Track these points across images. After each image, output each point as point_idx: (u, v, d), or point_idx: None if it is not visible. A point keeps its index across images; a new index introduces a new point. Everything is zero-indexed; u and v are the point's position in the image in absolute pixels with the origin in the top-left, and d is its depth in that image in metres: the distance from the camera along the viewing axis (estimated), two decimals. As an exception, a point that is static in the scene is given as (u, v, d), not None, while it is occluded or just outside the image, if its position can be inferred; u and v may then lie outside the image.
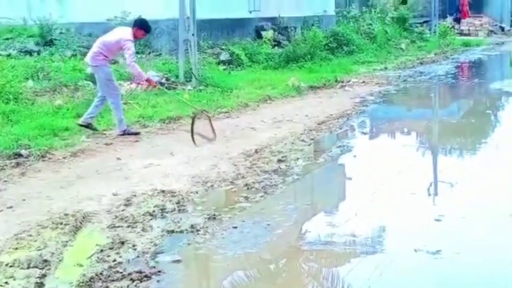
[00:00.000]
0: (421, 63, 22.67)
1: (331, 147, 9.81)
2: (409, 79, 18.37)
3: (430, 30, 30.06)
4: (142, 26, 10.21)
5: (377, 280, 4.98)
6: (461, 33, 33.68)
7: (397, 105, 15.01)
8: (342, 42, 22.07)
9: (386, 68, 20.78)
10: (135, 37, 10.14)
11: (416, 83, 17.80)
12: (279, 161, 8.68)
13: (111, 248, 5.52)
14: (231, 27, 19.58)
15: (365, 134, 11.58)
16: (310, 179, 8.27)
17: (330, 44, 21.37)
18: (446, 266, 5.18)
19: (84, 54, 11.39)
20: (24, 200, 6.96)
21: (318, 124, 11.48)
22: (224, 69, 17.09)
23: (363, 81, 17.55)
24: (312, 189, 8.01)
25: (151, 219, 6.31)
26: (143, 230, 6.00)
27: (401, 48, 25.80)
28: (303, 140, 10.10)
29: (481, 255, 5.43)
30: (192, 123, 9.74)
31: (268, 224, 6.28)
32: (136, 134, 10.26)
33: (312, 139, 10.26)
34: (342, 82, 17.14)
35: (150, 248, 5.58)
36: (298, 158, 8.92)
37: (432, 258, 5.28)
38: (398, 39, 26.86)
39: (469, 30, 34.86)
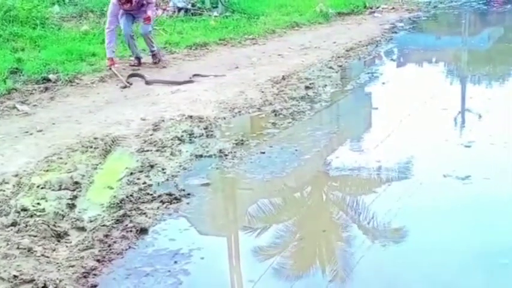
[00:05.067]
0: (453, -11, 22.10)
1: (359, 74, 9.71)
2: (440, 5, 17.97)
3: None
4: None
5: (404, 206, 4.96)
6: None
7: (427, 32, 14.74)
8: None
9: (416, -6, 20.31)
10: None
11: (447, 9, 17.42)
12: (307, 87, 8.61)
13: (140, 171, 5.56)
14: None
15: (394, 61, 11.42)
16: (338, 106, 8.21)
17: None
18: (475, 191, 5.16)
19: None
20: (53, 123, 7.02)
21: (346, 51, 11.34)
22: (251, -5, 16.82)
23: (393, 8, 17.24)
24: (340, 116, 7.95)
25: (179, 143, 6.33)
26: (172, 154, 6.03)
27: (432, -26, 25.12)
28: (330, 67, 10.00)
29: (511, 181, 5.38)
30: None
31: (296, 150, 6.28)
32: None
33: (340, 66, 10.15)
34: (371, 8, 16.86)
35: (179, 172, 5.62)
36: (326, 85, 8.85)
37: (461, 183, 5.25)
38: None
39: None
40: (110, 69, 9.41)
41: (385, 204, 5.00)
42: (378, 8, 16.97)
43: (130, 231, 4.47)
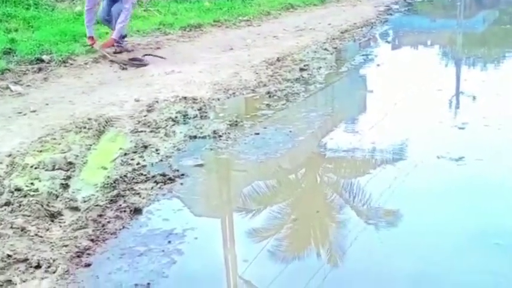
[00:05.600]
0: (448, -29, 22.06)
1: (354, 56, 9.70)
2: (435, -12, 17.92)
3: None
4: None
5: (398, 187, 4.96)
6: None
7: (422, 15, 14.70)
8: None
9: (412, -24, 20.26)
10: None
11: (442, -9, 17.39)
12: (301, 69, 8.60)
13: (134, 152, 5.54)
14: None
15: (388, 43, 11.41)
16: (333, 87, 8.20)
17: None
18: (469, 173, 5.16)
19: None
20: (47, 104, 6.98)
21: (341, 33, 11.33)
22: (246, -24, 16.72)
23: (388, -10, 17.15)
24: (335, 98, 7.95)
25: (173, 124, 6.32)
26: (166, 135, 6.02)
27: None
28: (325, 49, 9.98)
29: (504, 162, 5.38)
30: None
31: (290, 131, 6.27)
32: None
33: (335, 48, 10.13)
34: (366, -10, 16.78)
35: (173, 152, 5.60)
36: (320, 67, 8.83)
37: (455, 164, 5.25)
38: None
39: None
40: (92, 47, 9.26)
41: (379, 185, 4.99)
42: (373, -11, 16.92)
43: (124, 211, 4.46)
